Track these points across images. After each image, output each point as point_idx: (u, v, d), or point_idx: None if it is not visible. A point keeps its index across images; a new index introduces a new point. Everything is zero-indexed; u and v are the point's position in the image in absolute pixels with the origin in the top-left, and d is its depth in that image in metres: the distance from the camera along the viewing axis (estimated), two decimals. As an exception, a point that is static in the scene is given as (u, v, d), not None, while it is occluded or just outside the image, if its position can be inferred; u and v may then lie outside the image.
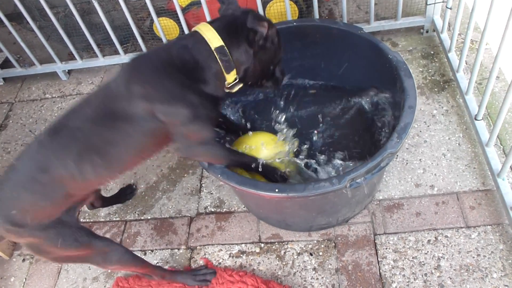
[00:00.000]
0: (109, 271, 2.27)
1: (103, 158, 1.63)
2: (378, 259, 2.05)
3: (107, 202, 2.47)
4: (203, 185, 2.51)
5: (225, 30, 1.65)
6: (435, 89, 2.62)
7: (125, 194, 2.55)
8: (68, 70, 3.45)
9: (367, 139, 2.26)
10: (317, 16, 2.83)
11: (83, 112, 1.64)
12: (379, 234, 2.13)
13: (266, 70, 1.82)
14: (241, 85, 1.78)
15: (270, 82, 1.90)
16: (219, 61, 1.64)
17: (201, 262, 2.21)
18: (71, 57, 3.35)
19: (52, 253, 1.74)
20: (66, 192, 1.64)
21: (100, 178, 1.71)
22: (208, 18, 2.82)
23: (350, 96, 2.39)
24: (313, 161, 2.09)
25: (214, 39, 1.63)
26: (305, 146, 2.15)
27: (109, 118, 1.61)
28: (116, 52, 3.24)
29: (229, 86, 1.75)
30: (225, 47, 1.63)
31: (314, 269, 2.09)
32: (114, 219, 2.48)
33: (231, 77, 1.70)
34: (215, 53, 1.63)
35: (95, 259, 1.84)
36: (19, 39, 3.12)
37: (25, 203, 1.61)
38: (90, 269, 2.31)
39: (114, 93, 1.62)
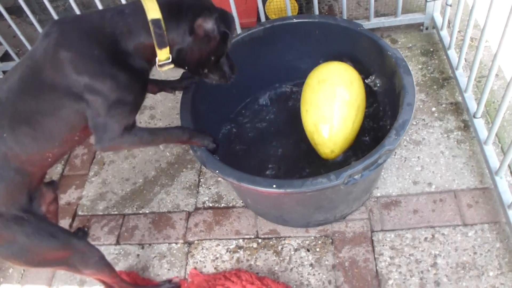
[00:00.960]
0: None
1: (35, 128, 1.54)
2: (375, 256, 2.06)
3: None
4: (201, 180, 2.52)
5: (168, 6, 1.58)
6: (434, 86, 2.62)
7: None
8: (68, 63, 3.44)
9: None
10: (317, 12, 2.82)
11: (10, 81, 1.55)
12: (376, 231, 2.13)
13: (205, 60, 1.74)
14: (171, 66, 1.69)
15: (215, 74, 1.82)
16: (152, 33, 1.57)
17: (199, 257, 2.22)
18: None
19: (28, 253, 1.63)
20: (17, 167, 1.57)
21: (39, 149, 1.58)
22: (208, 13, 2.82)
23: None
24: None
25: (152, 11, 1.55)
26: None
27: (36, 87, 1.53)
28: (115, 46, 3.23)
29: (160, 63, 1.66)
30: (162, 21, 1.56)
31: (311, 265, 2.09)
32: (112, 212, 2.49)
33: (163, 54, 1.62)
34: (150, 24, 1.56)
35: (72, 261, 1.73)
36: (18, 33, 3.12)
37: None
38: (87, 262, 2.31)
39: (41, 60, 1.52)
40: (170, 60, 1.66)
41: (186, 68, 1.80)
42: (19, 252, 1.62)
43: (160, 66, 1.67)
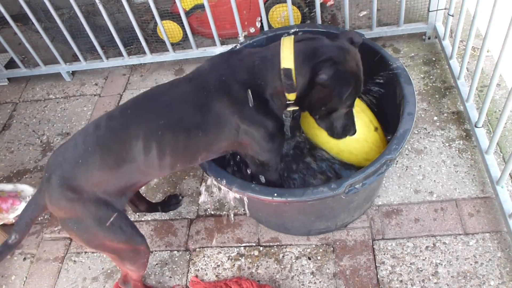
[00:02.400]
0: (109, 271, 2.28)
1: (175, 143, 1.66)
2: (376, 264, 2.06)
3: (151, 207, 2.42)
4: (203, 187, 2.53)
5: (303, 55, 1.65)
6: (436, 96, 2.62)
7: (170, 204, 2.48)
8: (72, 71, 3.48)
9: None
10: (319, 21, 2.84)
11: (179, 89, 1.71)
12: (377, 240, 2.13)
13: (317, 107, 1.77)
14: (296, 108, 1.76)
15: (324, 123, 1.84)
16: (282, 81, 1.66)
17: (200, 265, 2.22)
18: (75, 59, 3.37)
19: (91, 235, 1.71)
20: (134, 169, 1.68)
21: (162, 166, 1.71)
22: (212, 22, 2.84)
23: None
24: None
25: (286, 59, 1.65)
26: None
27: (202, 107, 1.65)
28: (119, 54, 3.26)
29: (287, 102, 1.74)
30: (292, 71, 1.64)
31: (312, 273, 2.09)
32: (114, 220, 2.49)
33: (291, 96, 1.71)
34: (282, 73, 1.66)
35: (126, 255, 1.83)
36: (24, 40, 3.15)
37: (92, 169, 1.63)
38: (90, 269, 2.32)
39: (211, 88, 1.67)
40: (294, 102, 1.75)
41: (305, 109, 1.85)
42: (83, 231, 1.70)
43: (287, 106, 1.76)
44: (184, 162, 1.77)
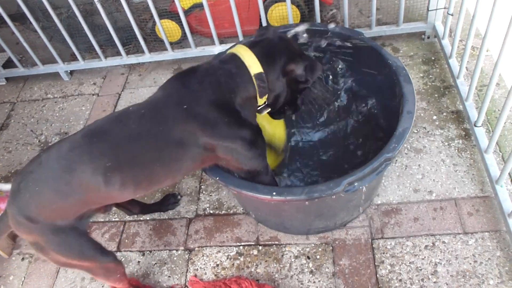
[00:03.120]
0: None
1: (135, 176, 1.63)
2: (375, 263, 2.06)
3: (146, 209, 2.41)
4: (202, 187, 2.52)
5: (265, 57, 1.71)
6: (436, 95, 2.62)
7: (168, 203, 2.46)
8: (70, 70, 3.47)
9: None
10: (318, 20, 2.84)
11: (128, 123, 1.63)
12: (376, 239, 2.13)
13: (293, 98, 1.89)
14: (269, 109, 1.85)
15: (291, 109, 1.96)
16: (256, 87, 1.69)
17: (199, 264, 2.22)
18: (73, 58, 3.36)
19: (55, 257, 1.73)
20: (86, 199, 1.63)
21: (124, 194, 1.69)
22: (210, 21, 2.84)
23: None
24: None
25: (254, 65, 1.68)
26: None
27: (156, 138, 1.60)
28: (118, 54, 3.25)
29: (258, 108, 1.80)
30: (263, 74, 1.69)
31: (311, 272, 2.09)
32: (113, 219, 2.49)
33: (261, 101, 1.76)
34: (254, 79, 1.68)
35: (96, 272, 1.85)
36: (22, 39, 3.14)
37: (44, 199, 1.60)
38: (88, 269, 2.32)
39: (166, 113, 1.63)
40: (266, 103, 1.81)
41: (275, 107, 1.90)
42: (48, 254, 1.72)
43: (259, 110, 1.81)
44: (147, 190, 1.73)
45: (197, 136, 1.61)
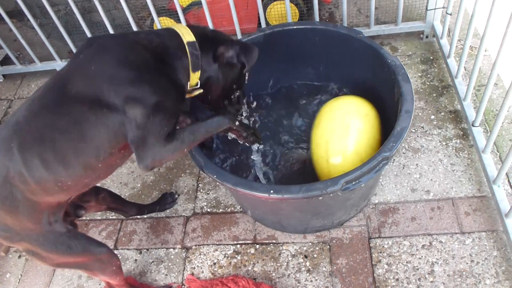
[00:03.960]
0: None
1: (53, 151, 1.45)
2: (372, 262, 2.06)
3: (143, 209, 2.38)
4: (199, 185, 2.52)
5: (198, 34, 1.68)
6: (434, 94, 2.62)
7: (165, 202, 2.45)
8: (68, 68, 3.45)
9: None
10: (317, 18, 2.83)
11: (29, 104, 1.50)
12: (374, 238, 2.13)
13: (228, 89, 1.85)
14: (200, 91, 1.74)
15: (233, 107, 1.94)
16: (188, 54, 1.63)
17: (196, 263, 2.21)
18: (71, 55, 3.35)
19: (48, 259, 1.69)
20: (27, 198, 1.50)
21: (57, 178, 1.49)
22: (209, 19, 2.83)
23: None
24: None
25: (187, 35, 1.64)
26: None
27: (59, 104, 1.45)
28: (116, 51, 3.24)
29: (190, 88, 1.70)
30: (197, 44, 1.65)
31: (308, 271, 2.09)
32: (110, 217, 2.49)
33: (194, 78, 1.67)
34: (187, 46, 1.63)
35: (91, 266, 1.81)
36: (19, 36, 3.13)
37: (1, 212, 1.52)
38: (85, 267, 2.31)
39: (69, 77, 1.48)
40: (198, 85, 1.73)
41: (210, 98, 1.84)
42: (41, 257, 1.68)
43: (190, 92, 1.73)
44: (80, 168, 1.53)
45: (104, 90, 1.44)
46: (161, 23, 2.99)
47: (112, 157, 1.57)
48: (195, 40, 1.65)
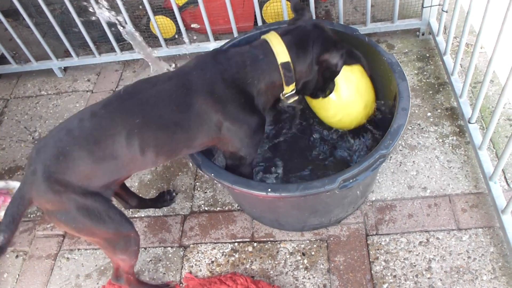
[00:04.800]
0: (102, 268, 2.27)
1: (157, 137, 1.67)
2: (370, 259, 2.06)
3: (143, 203, 2.41)
4: (197, 183, 2.52)
5: (295, 46, 1.74)
6: (430, 92, 2.63)
7: (163, 200, 2.47)
8: (64, 67, 3.45)
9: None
10: (313, 16, 2.83)
11: (159, 87, 1.69)
12: (371, 235, 2.14)
13: (324, 84, 1.90)
14: (296, 97, 1.87)
15: (322, 93, 1.96)
16: (282, 75, 1.73)
17: (194, 261, 2.22)
18: (67, 54, 3.34)
19: (80, 225, 1.70)
20: (119, 163, 1.67)
21: (147, 158, 1.70)
22: (205, 17, 2.83)
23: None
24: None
25: (282, 54, 1.72)
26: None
27: (179, 103, 1.66)
28: (112, 50, 3.24)
29: (285, 95, 1.83)
30: (291, 63, 1.73)
31: (306, 268, 2.09)
32: (107, 216, 2.48)
33: (289, 89, 1.79)
34: (280, 68, 1.72)
35: (116, 243, 1.82)
36: (15, 36, 3.12)
37: (77, 163, 1.61)
38: (83, 266, 2.31)
39: (190, 82, 1.69)
40: (294, 91, 1.83)
41: (305, 93, 1.94)
42: (72, 222, 1.69)
43: (287, 98, 1.85)
44: (166, 157, 1.79)
45: (211, 110, 1.67)
46: (157, 21, 2.99)
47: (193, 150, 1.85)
48: (289, 60, 1.72)
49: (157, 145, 1.68)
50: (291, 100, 1.88)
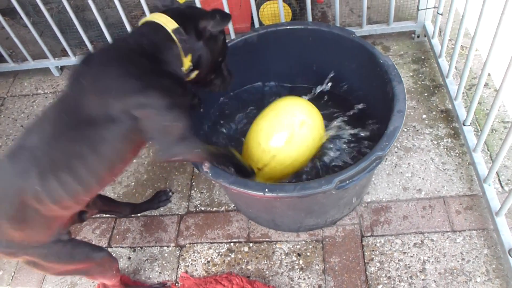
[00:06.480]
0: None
1: (72, 174, 1.50)
2: (365, 260, 2.08)
3: (138, 208, 2.41)
4: (193, 183, 2.53)
5: (177, 17, 1.62)
6: (425, 94, 2.65)
7: (159, 200, 2.46)
8: (61, 66, 3.45)
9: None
10: (310, 18, 2.85)
11: (41, 128, 1.52)
12: (366, 236, 2.15)
13: (215, 63, 1.81)
14: (196, 72, 1.73)
15: (218, 80, 1.89)
16: (177, 41, 1.60)
17: (190, 261, 2.23)
18: (64, 53, 3.34)
19: (50, 269, 1.71)
20: (42, 215, 1.54)
21: (75, 196, 1.56)
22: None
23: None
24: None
25: (169, 23, 1.60)
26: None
27: (73, 128, 1.49)
28: (109, 49, 3.23)
29: (185, 72, 1.68)
30: (181, 28, 1.60)
31: (302, 269, 2.11)
32: (104, 215, 2.48)
33: (187, 62, 1.66)
34: (173, 34, 1.59)
35: (93, 271, 1.84)
36: (12, 34, 3.12)
37: (7, 229, 1.52)
38: (78, 265, 2.31)
39: (76, 100, 1.51)
40: (192, 67, 1.69)
41: (200, 75, 1.80)
42: (43, 268, 1.70)
43: (187, 75, 1.71)
44: (95, 185, 1.61)
45: (113, 106, 1.48)
46: (154, 21, 2.98)
47: (124, 163, 1.67)
48: (178, 26, 1.61)
49: (76, 182, 1.52)
50: (192, 76, 1.73)
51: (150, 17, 1.65)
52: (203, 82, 1.89)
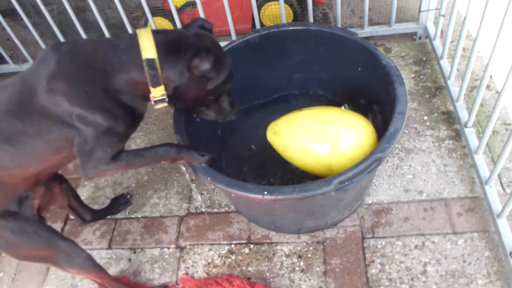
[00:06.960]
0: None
1: (16, 148, 1.57)
2: (366, 262, 2.07)
3: (98, 215, 2.43)
4: (194, 185, 2.52)
5: (166, 45, 1.58)
6: (427, 96, 2.64)
7: (118, 204, 2.49)
8: (62, 67, 3.44)
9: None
10: (311, 19, 2.84)
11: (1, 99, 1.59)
12: (367, 238, 2.14)
13: (202, 99, 1.75)
14: (165, 104, 1.69)
15: (212, 111, 1.84)
16: (146, 73, 1.56)
17: (190, 262, 2.22)
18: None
19: (13, 247, 1.73)
20: None
21: (20, 167, 1.65)
22: (203, 19, 2.83)
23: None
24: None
25: (148, 49, 1.55)
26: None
27: (24, 110, 1.54)
28: (110, 51, 3.23)
29: (155, 99, 1.65)
30: (156, 61, 1.55)
31: (302, 271, 2.10)
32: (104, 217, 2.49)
33: (157, 91, 1.62)
34: (144, 64, 1.55)
35: (57, 260, 1.82)
36: (13, 35, 3.12)
37: None
38: (79, 266, 2.31)
39: (34, 84, 1.53)
40: (165, 97, 1.65)
41: (183, 104, 1.81)
42: (6, 246, 1.74)
43: (155, 103, 1.67)
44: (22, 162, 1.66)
45: (61, 107, 1.52)
46: (155, 23, 2.99)
47: (68, 156, 1.70)
48: (155, 57, 1.55)
49: (20, 156, 1.61)
50: (159, 106, 1.69)
51: (140, 32, 1.59)
52: (194, 111, 1.87)
